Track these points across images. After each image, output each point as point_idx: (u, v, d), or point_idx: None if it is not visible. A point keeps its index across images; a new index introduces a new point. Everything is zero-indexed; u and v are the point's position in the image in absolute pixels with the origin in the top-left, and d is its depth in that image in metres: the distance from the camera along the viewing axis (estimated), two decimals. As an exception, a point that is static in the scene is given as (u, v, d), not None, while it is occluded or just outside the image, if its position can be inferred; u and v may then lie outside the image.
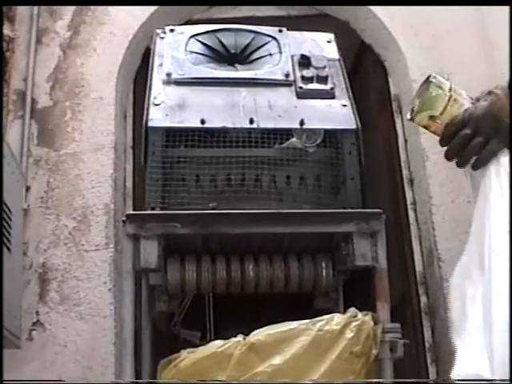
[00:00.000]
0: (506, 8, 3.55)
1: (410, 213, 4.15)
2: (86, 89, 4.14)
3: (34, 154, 3.96)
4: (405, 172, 4.24)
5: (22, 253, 3.65)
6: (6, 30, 4.14)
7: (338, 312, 3.15)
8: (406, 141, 4.29)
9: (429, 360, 3.83)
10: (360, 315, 2.96)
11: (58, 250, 3.77)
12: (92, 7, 4.33)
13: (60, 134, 4.03)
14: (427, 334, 3.89)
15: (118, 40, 4.28)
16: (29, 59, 4.16)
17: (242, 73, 3.48)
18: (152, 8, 4.34)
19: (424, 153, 4.02)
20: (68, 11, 4.33)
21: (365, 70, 4.76)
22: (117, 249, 3.76)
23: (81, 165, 3.95)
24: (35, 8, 4.27)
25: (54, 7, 4.33)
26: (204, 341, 3.57)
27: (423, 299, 3.95)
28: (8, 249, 3.19)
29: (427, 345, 3.87)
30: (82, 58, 4.22)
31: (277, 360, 2.82)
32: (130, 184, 4.17)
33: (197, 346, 3.13)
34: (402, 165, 4.26)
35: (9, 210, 3.23)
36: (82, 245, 3.78)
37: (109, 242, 3.78)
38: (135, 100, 4.35)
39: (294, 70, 3.45)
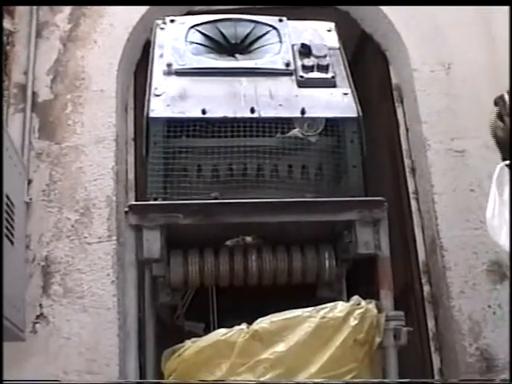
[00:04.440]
0: (507, -2, 3.57)
1: (412, 202, 4.15)
2: (87, 81, 4.13)
3: (36, 147, 3.96)
4: (406, 161, 4.24)
5: (25, 246, 3.65)
6: (6, 24, 4.13)
7: (342, 301, 3.14)
8: (407, 130, 4.29)
9: (432, 348, 3.84)
10: (363, 303, 2.96)
11: (61, 243, 3.77)
12: (92, -2, 4.33)
13: (61, 126, 4.02)
14: (431, 323, 3.89)
15: (118, 32, 4.27)
16: (29, 52, 4.16)
17: (242, 62, 3.48)
18: (151, -2, 4.34)
19: (425, 142, 4.02)
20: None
21: (366, 59, 4.75)
22: (119, 241, 3.76)
23: (82, 157, 3.94)
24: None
25: (54, 0, 4.33)
26: (208, 332, 3.56)
27: (426, 288, 3.95)
28: (11, 242, 3.19)
29: (431, 333, 3.87)
30: (83, 51, 4.22)
31: (280, 347, 2.83)
32: (131, 176, 4.17)
33: (201, 337, 3.13)
34: (404, 154, 4.26)
35: (11, 203, 3.23)
36: (85, 237, 3.78)
37: (111, 235, 3.78)
38: (136, 92, 4.34)
39: (294, 59, 3.45)
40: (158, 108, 3.23)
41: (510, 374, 3.04)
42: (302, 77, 3.39)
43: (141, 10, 4.31)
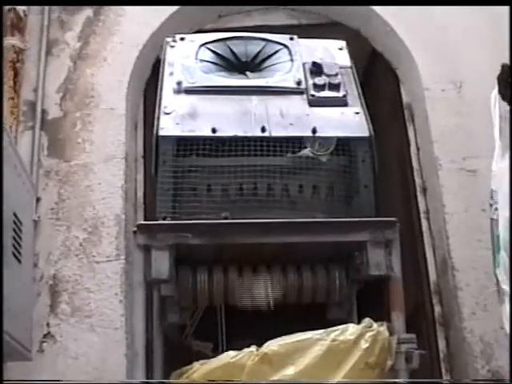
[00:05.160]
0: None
1: (423, 222, 4.11)
2: (97, 99, 4.13)
3: (45, 164, 3.95)
4: (417, 180, 4.21)
5: (33, 264, 3.62)
6: (17, 41, 4.13)
7: (352, 322, 3.12)
8: (418, 149, 4.27)
9: (443, 370, 3.79)
10: (375, 325, 2.93)
11: (69, 262, 3.75)
12: (102, 17, 4.32)
13: (70, 144, 4.01)
14: (441, 344, 3.85)
15: (128, 50, 4.26)
16: (39, 70, 4.16)
17: (253, 81, 3.46)
18: (162, 17, 4.32)
19: (437, 161, 3.99)
20: (78, 21, 4.33)
21: (376, 78, 4.73)
22: (128, 260, 3.73)
23: (91, 175, 3.93)
24: (45, 19, 4.27)
25: (64, 18, 4.33)
26: (216, 352, 3.53)
27: (437, 309, 3.91)
28: (18, 260, 3.16)
29: (442, 355, 3.82)
30: (92, 69, 4.21)
31: (290, 371, 2.79)
32: (140, 194, 4.15)
33: (209, 357, 3.10)
34: (415, 173, 4.23)
35: (19, 221, 3.20)
36: (93, 256, 3.76)
37: (120, 253, 3.76)
38: (146, 110, 4.33)
39: (305, 77, 3.43)
40: (167, 126, 3.21)
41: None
42: (313, 95, 3.37)
43: (151, 27, 4.31)
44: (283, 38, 3.64)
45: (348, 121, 3.31)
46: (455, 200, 3.91)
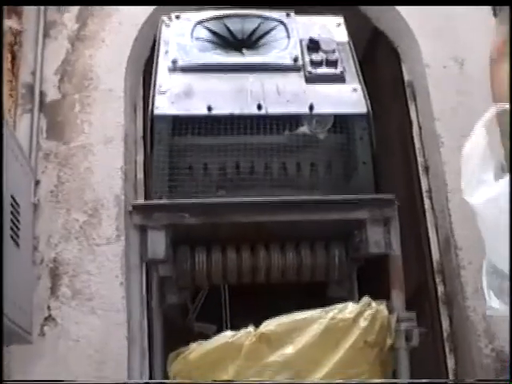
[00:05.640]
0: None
1: (426, 200, 4.08)
2: (95, 81, 4.10)
3: (44, 147, 3.93)
4: (420, 159, 4.17)
5: (33, 248, 3.60)
6: (14, 23, 4.10)
7: (353, 301, 3.09)
8: (420, 127, 4.23)
9: (447, 349, 3.77)
10: (374, 304, 2.90)
11: (69, 245, 3.73)
12: (100, -4, 4.29)
13: (69, 126, 3.99)
14: (445, 324, 3.83)
15: (126, 31, 4.23)
16: (37, 52, 4.12)
17: (249, 58, 3.41)
18: (160, -4, 4.29)
19: (439, 139, 3.96)
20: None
21: (377, 56, 4.69)
22: (128, 242, 3.71)
23: (91, 157, 3.90)
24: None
25: None
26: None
27: (440, 288, 3.89)
28: (16, 244, 3.14)
29: (445, 334, 3.80)
30: (91, 50, 4.18)
31: (288, 350, 2.77)
32: (140, 176, 4.12)
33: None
34: (417, 152, 4.19)
35: (17, 204, 3.18)
36: (93, 238, 3.74)
37: (120, 235, 3.73)
38: (145, 91, 4.29)
39: (302, 54, 3.38)
40: (162, 105, 3.17)
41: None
42: (310, 72, 3.32)
43: (149, 8, 4.27)
44: (280, 15, 3.58)
45: (345, 97, 3.26)
46: (457, 178, 3.81)
